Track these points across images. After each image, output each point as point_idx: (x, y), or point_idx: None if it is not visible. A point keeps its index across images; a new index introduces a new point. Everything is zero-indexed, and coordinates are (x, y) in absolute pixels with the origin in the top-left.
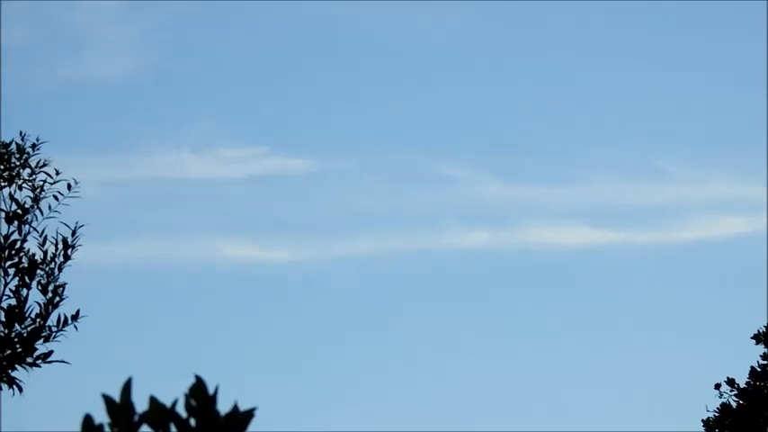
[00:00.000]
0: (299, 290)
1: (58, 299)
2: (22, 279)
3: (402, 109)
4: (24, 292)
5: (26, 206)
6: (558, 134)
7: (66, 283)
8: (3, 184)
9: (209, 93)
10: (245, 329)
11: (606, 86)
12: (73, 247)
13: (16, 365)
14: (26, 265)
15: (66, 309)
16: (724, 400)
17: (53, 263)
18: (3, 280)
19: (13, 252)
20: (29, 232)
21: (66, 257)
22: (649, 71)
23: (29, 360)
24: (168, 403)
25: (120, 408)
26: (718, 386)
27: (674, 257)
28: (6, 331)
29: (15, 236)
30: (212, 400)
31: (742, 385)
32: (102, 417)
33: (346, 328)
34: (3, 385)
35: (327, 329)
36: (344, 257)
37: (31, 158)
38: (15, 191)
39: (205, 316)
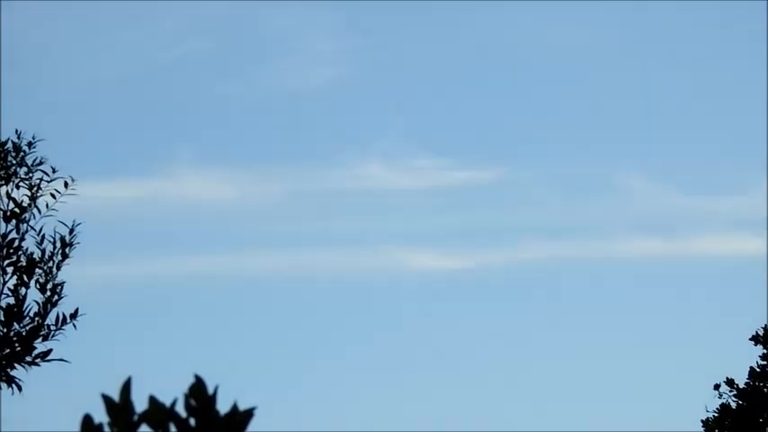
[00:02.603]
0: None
1: (56, 297)
2: (20, 278)
3: (583, 119)
4: (23, 290)
5: (24, 205)
6: (732, 144)
7: (64, 282)
8: (0, 182)
9: (400, 105)
10: (404, 334)
11: None
12: (71, 245)
13: (15, 364)
14: (24, 264)
15: (64, 307)
16: (723, 401)
17: (51, 261)
18: (1, 279)
19: (12, 251)
20: (27, 231)
21: (65, 256)
22: None
23: (28, 359)
24: (168, 403)
25: (119, 407)
26: (717, 387)
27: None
28: (5, 330)
29: (13, 234)
30: (212, 399)
31: (741, 386)
32: (101, 416)
33: (507, 330)
34: (2, 384)
35: (489, 332)
36: (518, 265)
37: (28, 156)
38: (12, 189)
39: (380, 325)
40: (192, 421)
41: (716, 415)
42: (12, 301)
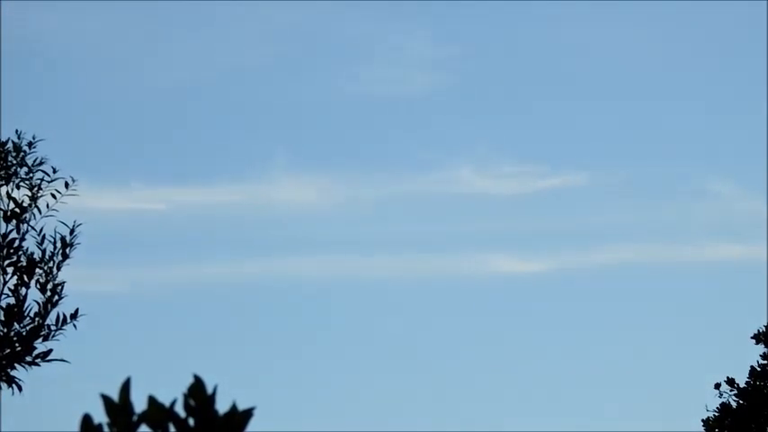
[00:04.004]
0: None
1: (56, 297)
2: (20, 278)
3: (669, 124)
4: (23, 290)
5: (24, 205)
6: None
7: (65, 282)
8: (0, 182)
9: (492, 113)
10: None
11: None
12: (71, 245)
13: (15, 364)
14: (25, 264)
15: (65, 307)
16: (724, 400)
17: (51, 261)
18: (2, 279)
19: (12, 251)
20: (27, 231)
21: (65, 256)
22: None
23: (28, 359)
24: (167, 403)
25: (118, 407)
26: (718, 386)
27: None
28: (5, 330)
29: (14, 234)
30: (211, 399)
31: (742, 385)
32: (100, 416)
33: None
34: (2, 384)
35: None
36: (599, 268)
37: (28, 156)
38: (13, 189)
39: (461, 327)
40: (192, 421)
41: (716, 414)
42: (12, 301)
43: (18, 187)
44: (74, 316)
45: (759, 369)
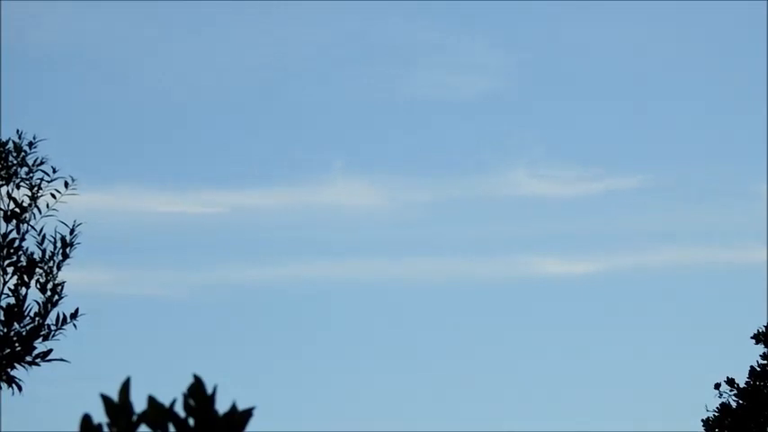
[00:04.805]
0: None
1: (56, 297)
2: (20, 278)
3: (723, 126)
4: (23, 290)
5: (24, 205)
6: None
7: (65, 282)
8: (0, 182)
9: (546, 116)
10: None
11: None
12: (71, 245)
13: (15, 364)
14: (25, 264)
15: (65, 307)
16: (724, 400)
17: (51, 261)
18: (2, 278)
19: (12, 251)
20: (27, 231)
21: (65, 256)
22: None
23: (28, 359)
24: (167, 403)
25: (118, 407)
26: (717, 386)
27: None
28: (5, 330)
29: (14, 234)
30: (210, 399)
31: (742, 385)
32: (100, 416)
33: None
34: (2, 384)
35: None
36: (646, 269)
37: (29, 157)
38: (13, 189)
39: (509, 328)
40: (191, 421)
41: (716, 414)
42: (12, 300)
43: (18, 187)
44: (74, 316)
45: (759, 369)
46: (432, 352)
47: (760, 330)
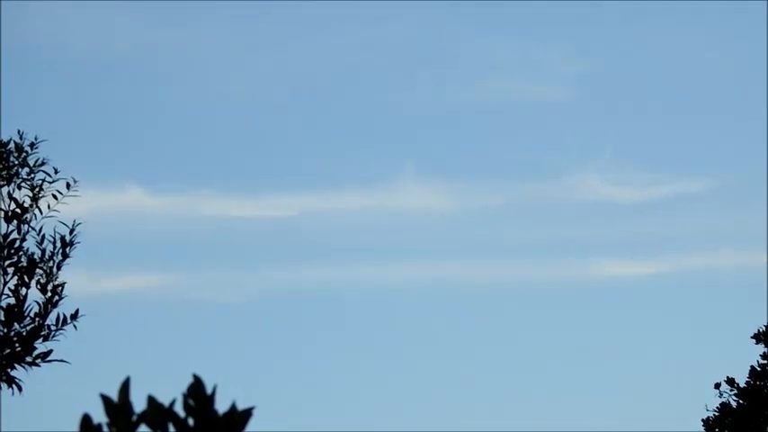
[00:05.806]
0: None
1: (57, 298)
2: (21, 278)
3: None
4: (23, 291)
5: (25, 205)
6: None
7: (65, 282)
8: (1, 183)
9: (618, 122)
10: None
11: None
12: (72, 245)
13: (16, 365)
14: (25, 264)
15: (65, 308)
16: (724, 400)
17: (52, 262)
18: (2, 279)
19: (12, 251)
20: (28, 231)
21: (65, 256)
22: None
23: (28, 359)
24: (166, 403)
25: (118, 407)
26: (718, 386)
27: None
28: (6, 330)
29: (14, 235)
30: (210, 399)
31: (742, 385)
32: (100, 416)
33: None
34: (2, 384)
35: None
36: (706, 272)
37: (30, 157)
38: (14, 190)
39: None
40: (191, 421)
41: (716, 414)
42: (12, 301)
43: (19, 188)
44: (74, 316)
45: (759, 369)
46: (497, 354)
47: (760, 330)
